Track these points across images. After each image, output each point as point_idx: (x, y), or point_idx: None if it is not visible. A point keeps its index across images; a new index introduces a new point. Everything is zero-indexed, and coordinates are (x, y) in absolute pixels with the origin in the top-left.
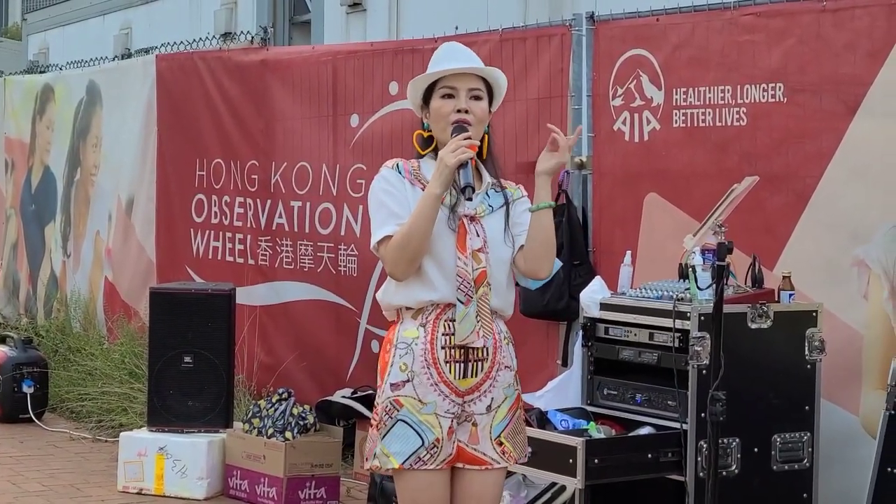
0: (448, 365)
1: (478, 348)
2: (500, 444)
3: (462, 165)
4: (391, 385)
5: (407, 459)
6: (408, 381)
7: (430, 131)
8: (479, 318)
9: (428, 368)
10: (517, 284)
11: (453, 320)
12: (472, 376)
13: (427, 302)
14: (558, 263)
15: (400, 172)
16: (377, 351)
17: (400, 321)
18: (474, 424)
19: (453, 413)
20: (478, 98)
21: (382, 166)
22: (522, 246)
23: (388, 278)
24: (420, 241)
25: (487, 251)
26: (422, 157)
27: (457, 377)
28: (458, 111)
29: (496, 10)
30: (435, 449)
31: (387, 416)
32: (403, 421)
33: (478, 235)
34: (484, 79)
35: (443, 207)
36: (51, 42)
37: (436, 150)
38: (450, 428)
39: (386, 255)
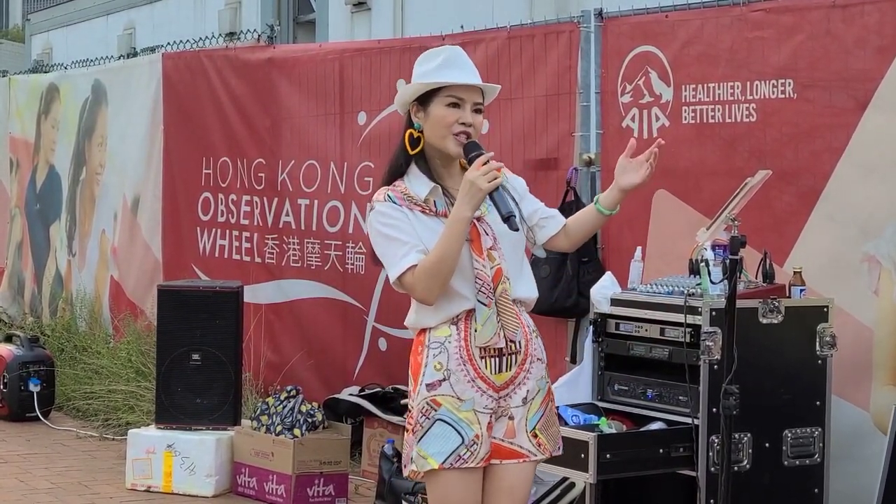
0: (483, 360)
1: (512, 342)
2: (536, 436)
3: (495, 190)
4: (427, 385)
5: (447, 458)
6: (444, 379)
7: (422, 132)
8: (500, 318)
9: (464, 365)
10: None
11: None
12: (507, 370)
13: (462, 312)
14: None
15: (395, 202)
16: (384, 349)
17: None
18: (510, 418)
19: (491, 409)
20: (478, 112)
21: (374, 201)
22: (565, 225)
23: (414, 305)
24: (452, 264)
25: (499, 247)
26: (402, 172)
27: (493, 372)
28: (462, 124)
29: (501, 8)
30: (475, 446)
31: (423, 418)
32: (442, 420)
33: (487, 234)
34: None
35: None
36: (54, 42)
37: (423, 153)
38: (489, 423)
39: (416, 284)
